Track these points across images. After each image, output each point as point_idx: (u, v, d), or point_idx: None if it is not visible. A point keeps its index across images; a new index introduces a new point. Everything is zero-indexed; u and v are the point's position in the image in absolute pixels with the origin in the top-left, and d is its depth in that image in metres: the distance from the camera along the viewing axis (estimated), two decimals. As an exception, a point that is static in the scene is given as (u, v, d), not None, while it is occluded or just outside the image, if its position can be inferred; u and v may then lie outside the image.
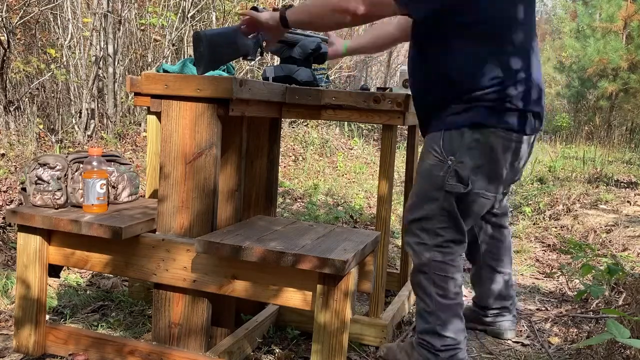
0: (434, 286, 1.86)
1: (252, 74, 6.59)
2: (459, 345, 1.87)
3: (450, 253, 1.86)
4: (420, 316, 1.91)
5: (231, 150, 1.88)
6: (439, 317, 1.86)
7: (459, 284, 1.88)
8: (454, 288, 1.87)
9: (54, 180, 1.82)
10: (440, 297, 1.86)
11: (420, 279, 1.88)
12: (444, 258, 1.86)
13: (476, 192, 1.80)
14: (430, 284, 1.86)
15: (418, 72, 1.87)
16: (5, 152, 3.93)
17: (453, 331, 1.86)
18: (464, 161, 1.77)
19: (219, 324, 1.93)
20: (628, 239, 3.82)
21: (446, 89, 1.77)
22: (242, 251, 1.55)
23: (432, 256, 1.85)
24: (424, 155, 1.87)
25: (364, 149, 7.54)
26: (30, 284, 1.84)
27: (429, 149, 1.84)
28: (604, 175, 6.65)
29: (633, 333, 1.98)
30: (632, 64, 11.19)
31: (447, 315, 1.86)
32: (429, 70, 1.81)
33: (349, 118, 2.11)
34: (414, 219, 1.88)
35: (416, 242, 1.88)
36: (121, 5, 5.34)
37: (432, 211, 1.83)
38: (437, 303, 1.86)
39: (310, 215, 3.96)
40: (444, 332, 1.86)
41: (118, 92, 5.33)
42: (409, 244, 1.91)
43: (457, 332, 1.87)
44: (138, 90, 2.18)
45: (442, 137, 1.79)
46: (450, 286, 1.86)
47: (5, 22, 4.35)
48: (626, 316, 1.87)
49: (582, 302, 2.70)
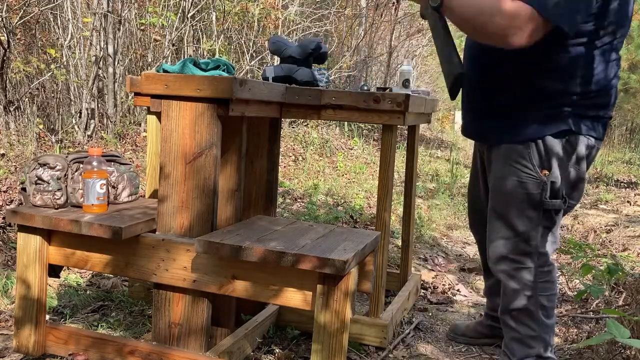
0: (541, 308, 1.77)
1: (252, 74, 6.59)
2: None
3: (552, 270, 1.79)
4: (520, 343, 1.81)
5: (231, 150, 1.88)
6: (544, 340, 1.80)
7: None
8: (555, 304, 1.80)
9: (54, 180, 1.82)
10: (545, 317, 1.79)
11: (525, 305, 1.77)
12: (549, 277, 1.78)
13: (569, 205, 1.72)
14: (537, 307, 1.77)
15: (491, 67, 1.71)
16: (5, 152, 3.93)
17: (551, 350, 1.82)
18: (559, 174, 1.66)
19: (219, 324, 1.93)
20: (628, 239, 3.83)
21: (532, 90, 1.64)
22: (242, 251, 1.55)
23: (536, 278, 1.75)
24: (501, 169, 1.73)
25: (364, 149, 7.54)
26: (30, 284, 1.84)
27: (513, 164, 1.70)
28: (604, 175, 6.65)
29: (633, 333, 1.98)
30: (632, 64, 11.19)
31: (550, 335, 1.81)
32: (512, 66, 1.66)
33: (349, 118, 2.11)
34: (511, 246, 1.75)
35: (517, 268, 1.76)
36: (121, 5, 5.34)
37: (530, 230, 1.72)
38: (542, 325, 1.78)
39: (310, 215, 3.97)
40: (547, 354, 1.81)
41: (118, 92, 5.33)
42: (507, 273, 1.78)
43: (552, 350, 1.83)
44: (138, 90, 2.18)
45: (531, 150, 1.67)
46: (554, 304, 1.80)
47: (5, 22, 4.35)
48: (626, 316, 1.87)
49: (582, 302, 2.70)
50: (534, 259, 1.75)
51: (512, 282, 1.79)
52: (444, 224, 4.36)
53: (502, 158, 1.75)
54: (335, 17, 8.49)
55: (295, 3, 7.19)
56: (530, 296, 1.76)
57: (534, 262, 1.76)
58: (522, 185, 1.70)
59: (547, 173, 1.67)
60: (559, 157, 1.67)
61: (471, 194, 2.12)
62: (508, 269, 1.78)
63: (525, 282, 1.76)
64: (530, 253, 1.75)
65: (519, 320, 1.81)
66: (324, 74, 2.35)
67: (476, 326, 2.28)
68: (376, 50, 10.29)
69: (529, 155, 1.68)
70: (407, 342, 2.25)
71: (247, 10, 6.59)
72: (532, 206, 1.70)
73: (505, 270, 1.79)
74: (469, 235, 4.05)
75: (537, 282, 1.76)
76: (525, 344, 1.81)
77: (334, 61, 8.27)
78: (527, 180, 1.69)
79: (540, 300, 1.77)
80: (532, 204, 1.70)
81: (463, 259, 3.52)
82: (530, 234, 1.73)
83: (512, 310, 1.81)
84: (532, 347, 1.80)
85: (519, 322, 1.81)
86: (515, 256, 1.77)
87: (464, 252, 3.69)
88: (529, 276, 1.76)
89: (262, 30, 6.94)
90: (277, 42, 2.34)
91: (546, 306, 1.78)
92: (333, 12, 8.23)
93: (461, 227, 4.32)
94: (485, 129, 1.82)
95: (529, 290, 1.76)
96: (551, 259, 1.80)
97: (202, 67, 1.83)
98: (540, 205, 1.69)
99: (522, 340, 1.82)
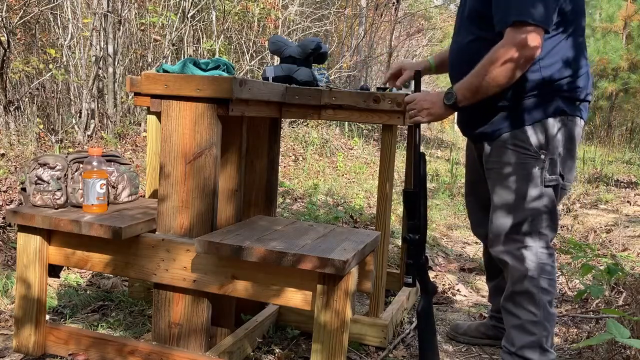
0: (543, 292, 1.78)
1: (252, 74, 6.59)
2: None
3: (553, 253, 1.81)
4: (521, 329, 1.81)
5: (231, 150, 1.88)
6: (546, 328, 1.79)
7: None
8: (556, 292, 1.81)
9: (54, 180, 1.82)
10: (549, 304, 1.79)
11: (527, 287, 1.79)
12: (550, 260, 1.80)
13: (565, 183, 1.79)
14: (539, 290, 1.78)
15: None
16: (5, 152, 3.93)
17: (551, 345, 1.81)
18: (554, 152, 1.76)
19: (219, 324, 1.93)
20: (628, 239, 3.83)
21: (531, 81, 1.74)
22: (242, 251, 1.55)
23: (539, 259, 1.78)
24: (501, 157, 1.80)
25: (364, 149, 7.54)
26: (31, 284, 1.84)
27: (511, 148, 1.78)
28: (604, 175, 6.65)
29: (633, 333, 1.98)
30: (632, 64, 11.20)
31: (552, 325, 1.81)
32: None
33: (349, 118, 2.11)
34: (514, 224, 1.79)
35: (519, 247, 1.79)
36: (121, 5, 5.33)
37: (534, 211, 1.77)
38: (545, 311, 1.79)
39: (310, 215, 3.96)
40: (548, 345, 1.80)
41: (118, 92, 5.32)
42: (510, 253, 1.81)
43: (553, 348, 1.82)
44: (138, 90, 2.18)
45: (528, 133, 1.75)
46: (555, 290, 1.81)
47: (5, 22, 4.35)
48: (626, 316, 1.87)
49: (582, 302, 2.70)
50: (534, 238, 1.79)
51: (514, 261, 1.81)
52: (444, 224, 4.36)
53: (501, 147, 1.81)
54: (335, 17, 8.49)
55: (295, 3, 7.19)
56: (532, 277, 1.78)
57: (535, 242, 1.79)
58: (522, 166, 1.77)
59: (545, 152, 1.76)
60: (556, 137, 1.76)
61: (475, 194, 2.12)
62: (510, 248, 1.81)
63: (527, 262, 1.79)
64: (530, 233, 1.79)
65: (519, 304, 1.82)
66: (323, 74, 2.35)
67: (479, 326, 2.28)
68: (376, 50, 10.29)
69: (528, 136, 1.76)
70: (407, 342, 2.25)
71: (247, 10, 6.59)
72: (533, 184, 1.77)
73: (507, 250, 1.82)
74: (469, 235, 4.05)
75: (538, 263, 1.78)
76: (525, 330, 1.81)
77: (334, 61, 8.27)
78: (525, 160, 1.77)
79: (541, 284, 1.79)
80: (534, 183, 1.76)
81: (463, 259, 3.52)
82: (531, 214, 1.78)
83: (514, 294, 1.82)
84: (533, 334, 1.80)
85: (519, 306, 1.82)
86: (517, 236, 1.80)
87: (464, 252, 3.69)
88: (531, 255, 1.79)
89: (262, 30, 6.94)
90: (277, 42, 2.34)
91: (547, 290, 1.79)
92: (333, 12, 8.24)
93: (461, 227, 4.32)
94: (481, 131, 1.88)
95: (531, 271, 1.79)
96: (551, 245, 1.83)
97: (202, 67, 1.83)
98: (542, 183, 1.76)
99: (522, 326, 1.81)
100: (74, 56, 5.17)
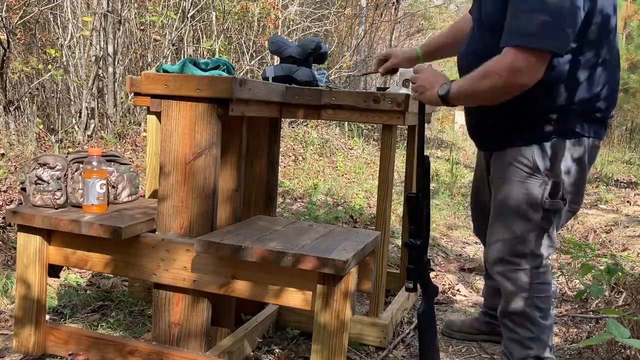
0: (537, 310, 1.78)
1: (252, 74, 6.58)
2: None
3: (547, 272, 1.79)
4: (519, 344, 1.82)
5: (231, 150, 1.88)
6: (542, 341, 1.80)
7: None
8: (551, 306, 1.80)
9: (53, 180, 1.82)
10: (542, 319, 1.79)
11: (523, 309, 1.78)
12: (543, 279, 1.78)
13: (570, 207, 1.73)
14: (533, 309, 1.77)
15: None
16: (5, 152, 3.93)
17: (550, 351, 1.82)
18: (559, 175, 1.68)
19: (219, 324, 1.93)
20: (628, 239, 3.83)
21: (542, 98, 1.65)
22: (242, 251, 1.55)
23: (532, 280, 1.76)
24: (504, 172, 1.75)
25: (364, 149, 7.54)
26: (30, 284, 1.84)
27: (515, 164, 1.72)
28: (604, 175, 6.65)
29: (633, 333, 1.98)
30: (632, 64, 11.19)
31: (548, 335, 1.81)
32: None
33: (349, 118, 2.11)
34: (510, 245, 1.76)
35: (512, 269, 1.77)
36: (121, 5, 5.33)
37: (528, 232, 1.73)
38: (540, 327, 1.79)
39: (310, 215, 3.96)
40: (546, 354, 1.81)
41: (118, 92, 5.32)
42: (504, 275, 1.79)
43: (552, 351, 1.83)
44: (138, 90, 2.17)
45: (534, 151, 1.68)
46: (550, 305, 1.80)
47: (5, 22, 4.35)
48: (626, 316, 1.87)
49: (582, 302, 2.70)
50: (529, 260, 1.76)
51: (508, 283, 1.80)
52: (443, 224, 4.36)
53: (505, 161, 1.76)
54: (335, 17, 8.49)
55: (295, 3, 7.19)
56: (527, 298, 1.77)
57: (529, 264, 1.76)
58: (523, 185, 1.71)
59: (549, 173, 1.69)
60: (564, 159, 1.68)
61: (477, 199, 2.12)
62: (504, 270, 1.79)
63: (521, 284, 1.77)
64: (525, 254, 1.76)
65: (517, 322, 1.82)
66: (323, 74, 2.35)
67: (472, 322, 2.29)
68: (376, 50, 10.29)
69: (534, 154, 1.69)
70: (407, 342, 2.25)
71: (247, 10, 6.59)
72: (532, 207, 1.71)
73: (501, 272, 1.80)
74: (469, 235, 4.05)
75: (532, 284, 1.77)
76: (524, 345, 1.82)
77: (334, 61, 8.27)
78: (526, 179, 1.71)
79: (536, 303, 1.78)
80: (532, 205, 1.71)
81: (463, 259, 3.52)
82: (527, 236, 1.74)
83: (511, 313, 1.82)
84: (531, 348, 1.81)
85: (517, 324, 1.82)
86: (511, 257, 1.77)
87: (464, 252, 3.69)
88: (525, 277, 1.76)
89: (262, 30, 6.94)
90: (277, 42, 2.34)
91: (542, 308, 1.79)
92: (333, 12, 8.23)
93: (461, 227, 4.32)
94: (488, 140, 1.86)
95: (525, 292, 1.77)
96: (546, 261, 1.80)
97: (202, 67, 1.83)
98: (540, 206, 1.70)
99: (521, 342, 1.82)
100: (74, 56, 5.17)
